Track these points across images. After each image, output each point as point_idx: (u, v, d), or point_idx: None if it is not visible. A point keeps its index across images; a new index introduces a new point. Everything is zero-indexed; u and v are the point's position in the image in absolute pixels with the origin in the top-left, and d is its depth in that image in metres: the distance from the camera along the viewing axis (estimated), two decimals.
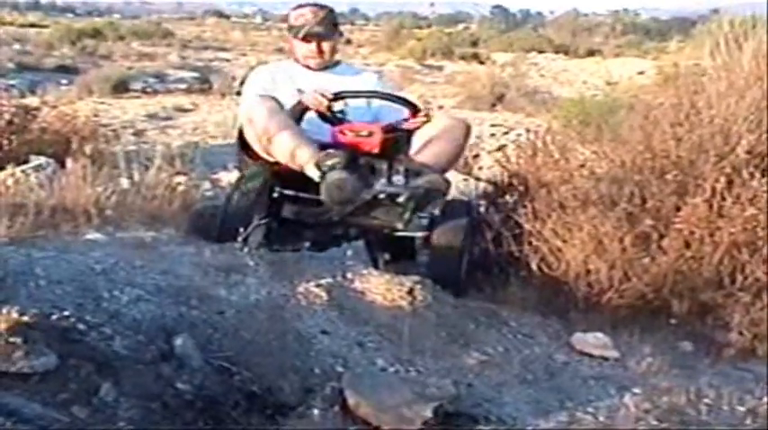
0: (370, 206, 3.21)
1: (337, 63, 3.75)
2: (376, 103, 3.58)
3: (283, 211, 3.33)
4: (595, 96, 4.25)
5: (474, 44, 28.21)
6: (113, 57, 18.43)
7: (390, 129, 3.35)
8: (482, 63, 21.74)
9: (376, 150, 3.23)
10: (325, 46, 3.61)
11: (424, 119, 3.39)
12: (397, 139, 3.36)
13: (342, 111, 3.42)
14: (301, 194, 3.26)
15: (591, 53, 25.60)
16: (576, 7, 54.35)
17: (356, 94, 3.49)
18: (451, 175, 3.52)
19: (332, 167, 3.03)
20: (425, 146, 3.33)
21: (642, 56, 21.49)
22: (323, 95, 3.35)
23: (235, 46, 25.68)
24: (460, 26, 44.44)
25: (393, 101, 3.49)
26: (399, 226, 3.22)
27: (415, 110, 3.42)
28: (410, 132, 3.39)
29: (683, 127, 3.15)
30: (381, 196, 3.13)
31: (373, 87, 3.66)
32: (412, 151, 3.33)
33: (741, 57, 3.42)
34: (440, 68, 21.21)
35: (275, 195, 3.30)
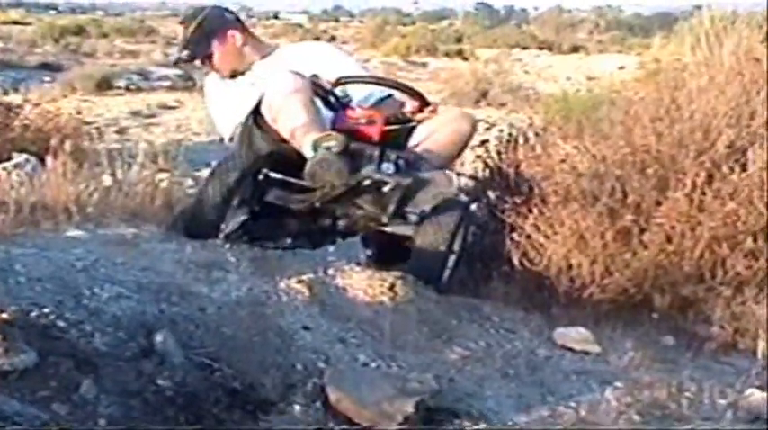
0: (355, 193, 3.05)
1: (275, 48, 3.68)
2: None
3: (267, 195, 3.14)
4: (578, 92, 4.27)
5: (458, 41, 28.25)
6: (97, 54, 18.37)
7: (393, 120, 3.24)
8: (466, 59, 21.75)
9: (375, 139, 3.12)
10: (209, 65, 3.57)
11: (431, 112, 3.28)
12: (398, 130, 3.23)
13: (346, 96, 3.29)
14: (290, 179, 3.08)
15: (575, 49, 25.68)
16: (559, 4, 54.48)
17: (362, 80, 3.37)
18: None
19: (328, 149, 2.90)
20: (426, 138, 3.23)
21: (626, 52, 21.57)
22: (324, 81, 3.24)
23: None
24: (445, 23, 44.48)
25: (401, 90, 3.35)
26: (383, 218, 3.08)
27: (422, 102, 3.29)
28: (413, 124, 3.28)
29: (663, 122, 3.16)
30: (366, 182, 2.98)
31: (320, 61, 3.50)
32: (412, 143, 3.23)
33: (721, 52, 3.44)
34: (424, 65, 21.21)
35: (260, 178, 3.12)
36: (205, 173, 4.98)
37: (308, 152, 2.96)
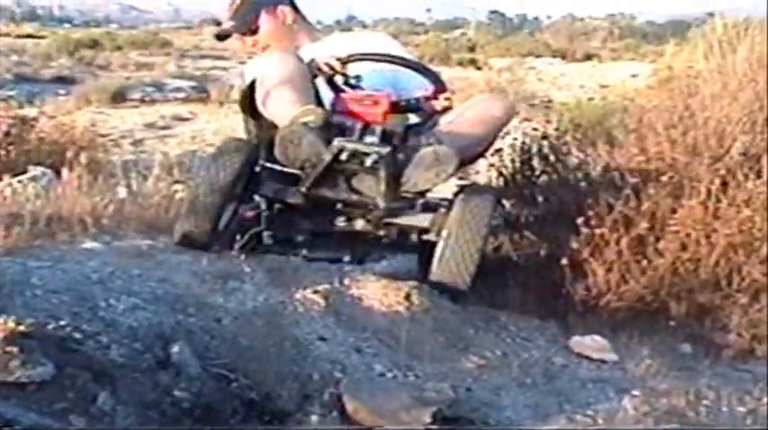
0: (343, 174, 2.78)
1: (313, 39, 3.47)
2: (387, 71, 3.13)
3: (263, 188, 2.95)
4: (591, 100, 4.26)
5: (471, 50, 28.21)
6: (111, 67, 18.45)
7: (402, 104, 2.99)
8: (479, 68, 21.75)
9: (378, 122, 2.85)
10: (249, 41, 3.36)
11: (447, 101, 2.99)
12: (406, 115, 3.01)
13: (358, 77, 3.07)
14: (286, 169, 2.87)
15: (588, 57, 25.62)
16: (572, 12, 54.46)
17: (371, 58, 3.11)
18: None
19: (305, 125, 2.68)
20: (448, 121, 2.99)
21: (639, 59, 21.51)
22: (335, 59, 3.03)
23: (233, 54, 25.69)
24: (457, 32, 44.47)
25: (416, 69, 3.10)
26: (380, 202, 2.80)
27: (440, 86, 3.03)
28: (429, 114, 3.03)
29: (677, 129, 3.16)
30: (344, 156, 2.67)
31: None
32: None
33: (734, 59, 3.42)
34: None
35: (257, 169, 2.94)
36: None
37: None
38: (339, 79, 3.07)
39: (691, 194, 2.98)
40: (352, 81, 3.05)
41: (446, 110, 3.00)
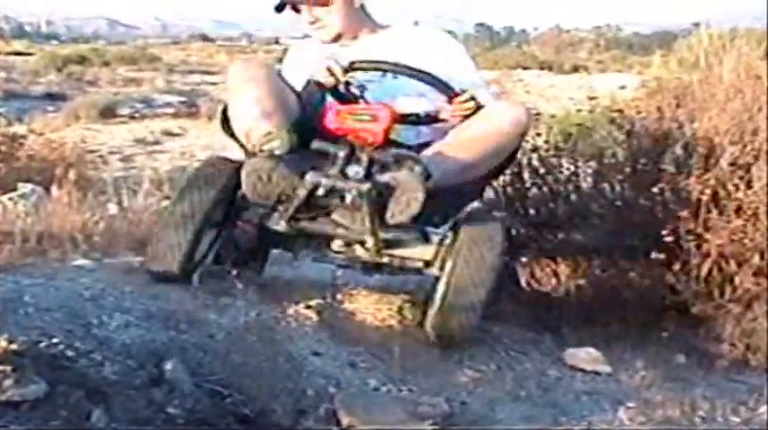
0: (321, 207, 2.46)
1: (386, 26, 3.02)
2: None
3: (247, 214, 2.65)
4: (580, 111, 4.29)
5: None
6: (100, 82, 18.45)
7: (410, 117, 2.67)
8: None
9: (377, 141, 2.46)
10: (318, 12, 2.88)
11: (464, 108, 2.63)
12: (414, 132, 2.70)
13: (362, 86, 2.72)
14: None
15: (575, 69, 25.76)
16: (558, 24, 54.71)
17: (376, 66, 2.71)
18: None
19: (269, 153, 2.35)
20: (449, 137, 2.63)
21: (626, 70, 21.63)
22: (337, 64, 2.66)
23: (221, 69, 25.73)
24: None
25: (424, 80, 2.68)
26: (367, 239, 2.49)
27: (452, 96, 2.66)
28: (436, 125, 2.73)
29: (666, 140, 3.17)
30: (320, 192, 2.35)
31: (436, 56, 2.84)
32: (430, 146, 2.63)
33: (721, 70, 3.44)
34: None
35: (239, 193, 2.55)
36: None
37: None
38: (341, 87, 2.72)
39: (681, 205, 2.98)
40: (355, 91, 2.72)
41: (461, 119, 2.65)
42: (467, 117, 2.63)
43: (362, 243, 2.58)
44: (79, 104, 12.72)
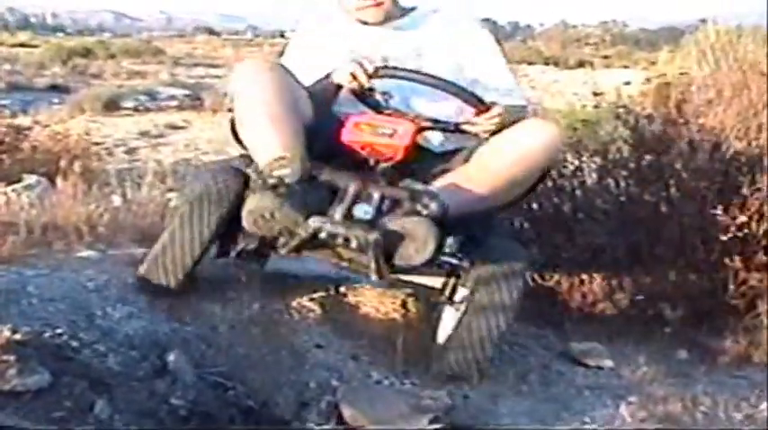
0: (326, 245, 2.22)
1: (411, 9, 2.74)
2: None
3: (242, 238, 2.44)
4: (584, 107, 4.28)
5: None
6: (104, 75, 18.42)
7: (436, 125, 2.44)
8: None
9: (398, 157, 2.27)
10: None
11: (493, 123, 2.39)
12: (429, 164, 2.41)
13: (386, 94, 2.47)
14: None
15: (581, 64, 25.68)
16: (564, 19, 54.63)
17: (405, 75, 2.43)
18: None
19: (279, 180, 2.13)
20: (469, 163, 2.37)
21: (632, 66, 21.57)
22: (361, 67, 2.40)
23: (226, 62, 25.73)
24: None
25: (457, 95, 2.41)
26: (373, 277, 2.20)
27: (482, 108, 2.40)
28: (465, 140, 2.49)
29: (671, 136, 3.16)
30: (323, 235, 2.12)
31: (466, 52, 2.65)
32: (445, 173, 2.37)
33: (728, 66, 3.44)
34: None
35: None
36: None
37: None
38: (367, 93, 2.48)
39: (686, 201, 2.98)
40: (380, 98, 2.47)
41: (491, 133, 2.41)
42: (493, 132, 2.41)
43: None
44: (84, 97, 12.70)
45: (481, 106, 2.39)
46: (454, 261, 2.24)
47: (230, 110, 2.58)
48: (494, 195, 2.32)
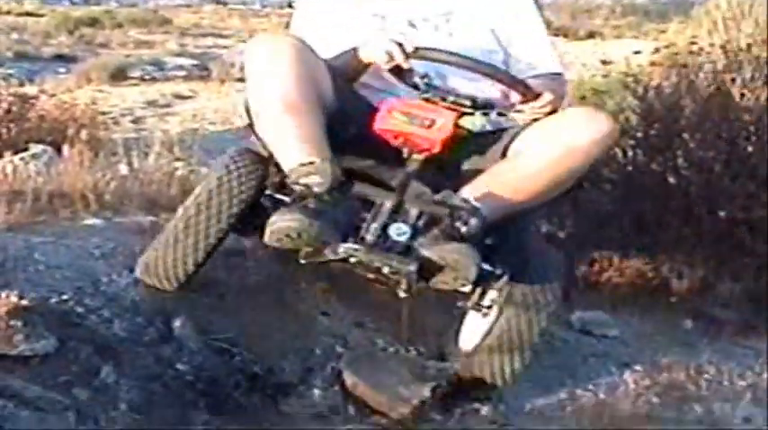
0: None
1: None
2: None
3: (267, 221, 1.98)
4: (594, 77, 4.26)
5: None
6: (111, 45, 18.33)
7: (475, 105, 2.10)
8: None
9: (435, 150, 2.01)
10: None
11: (541, 112, 2.12)
12: (473, 136, 2.14)
13: (426, 77, 2.12)
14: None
15: (591, 35, 25.49)
16: None
17: (448, 59, 2.12)
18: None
19: (307, 189, 1.89)
20: (505, 162, 2.12)
21: (642, 37, 21.41)
22: (399, 46, 2.07)
23: (234, 33, 25.59)
24: None
25: (502, 81, 2.17)
26: (402, 294, 1.98)
27: (529, 95, 2.12)
28: (505, 127, 2.22)
29: (679, 106, 3.15)
30: (352, 260, 1.91)
31: (502, 13, 2.38)
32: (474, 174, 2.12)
33: (738, 36, 3.41)
34: None
35: (264, 200, 2.13)
36: None
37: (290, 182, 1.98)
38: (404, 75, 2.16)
39: (694, 169, 2.97)
40: (419, 81, 2.12)
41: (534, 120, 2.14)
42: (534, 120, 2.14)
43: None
44: (90, 66, 12.65)
45: (529, 93, 2.12)
46: (488, 267, 2.01)
47: (240, 80, 2.49)
48: (534, 197, 2.07)
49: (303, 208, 1.85)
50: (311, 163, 1.91)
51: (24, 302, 1.93)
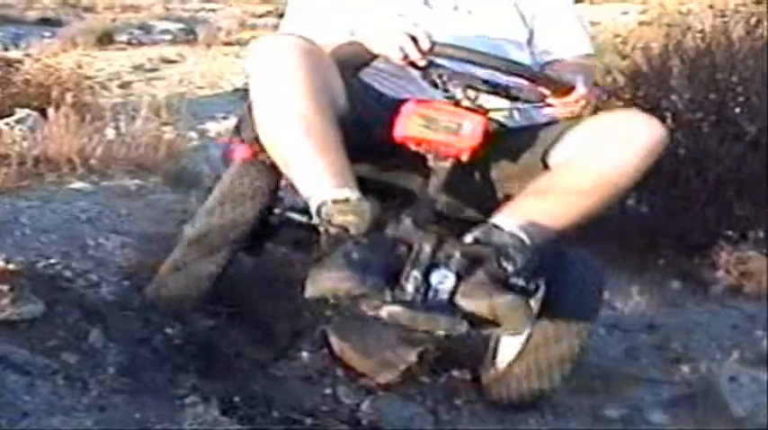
0: None
1: None
2: None
3: (278, 238, 2.07)
4: None
5: None
6: (97, 8, 18.13)
7: (502, 123, 1.96)
8: None
9: (464, 158, 1.81)
10: None
11: (574, 109, 1.87)
12: (505, 141, 1.94)
13: (440, 68, 1.87)
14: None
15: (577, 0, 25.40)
16: None
17: (469, 57, 1.82)
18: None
19: (342, 230, 1.69)
20: (546, 162, 1.93)
21: (631, 2, 21.36)
22: (415, 42, 1.78)
23: None
24: None
25: (530, 79, 1.87)
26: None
27: (561, 91, 1.85)
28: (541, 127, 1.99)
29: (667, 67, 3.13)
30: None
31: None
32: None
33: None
34: None
35: (273, 218, 2.00)
36: (209, 126, 4.98)
37: (313, 215, 1.77)
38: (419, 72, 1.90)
39: (682, 131, 2.97)
40: (436, 79, 1.86)
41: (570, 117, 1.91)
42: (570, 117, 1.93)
43: None
44: (76, 31, 12.47)
45: (561, 87, 1.86)
46: (521, 283, 1.75)
47: (228, 44, 2.35)
48: (585, 217, 1.87)
49: (348, 261, 1.64)
50: (346, 200, 1.71)
51: (11, 267, 1.92)
